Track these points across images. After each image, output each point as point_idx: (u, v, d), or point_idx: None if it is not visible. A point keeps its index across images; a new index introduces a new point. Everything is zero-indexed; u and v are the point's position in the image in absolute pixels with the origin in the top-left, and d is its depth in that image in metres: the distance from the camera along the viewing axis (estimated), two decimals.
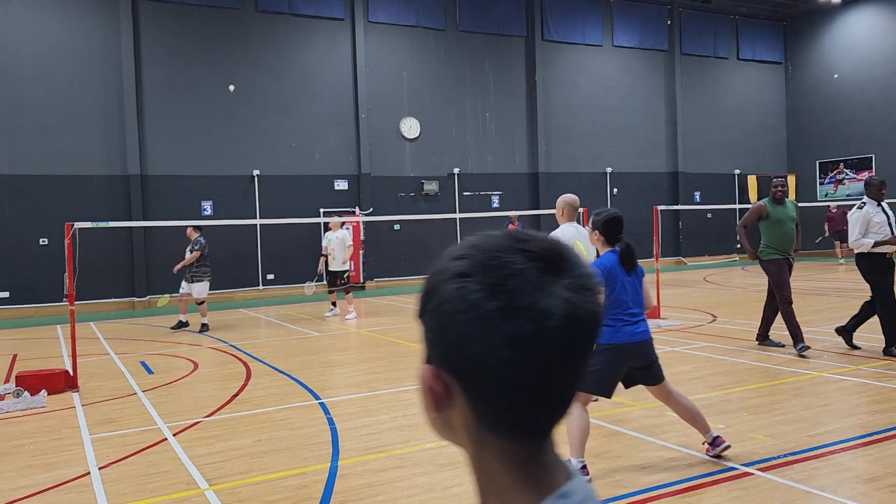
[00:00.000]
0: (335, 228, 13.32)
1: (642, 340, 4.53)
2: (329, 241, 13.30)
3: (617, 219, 4.67)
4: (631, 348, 4.47)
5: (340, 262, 13.22)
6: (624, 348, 4.46)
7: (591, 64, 23.45)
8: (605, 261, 4.63)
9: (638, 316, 4.57)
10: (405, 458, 4.87)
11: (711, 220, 25.15)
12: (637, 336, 4.50)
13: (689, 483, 4.20)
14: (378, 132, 20.08)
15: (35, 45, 16.47)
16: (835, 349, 8.18)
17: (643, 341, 4.53)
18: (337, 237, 13.20)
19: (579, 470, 4.23)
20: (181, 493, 4.36)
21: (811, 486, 4.09)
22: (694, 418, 4.66)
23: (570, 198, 6.36)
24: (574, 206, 6.33)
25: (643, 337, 4.54)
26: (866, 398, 5.98)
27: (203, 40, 18.11)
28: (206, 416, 6.27)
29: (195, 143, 18.03)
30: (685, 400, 4.69)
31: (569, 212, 6.29)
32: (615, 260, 4.60)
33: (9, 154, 16.22)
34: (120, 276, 17.21)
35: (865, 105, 24.37)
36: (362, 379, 7.83)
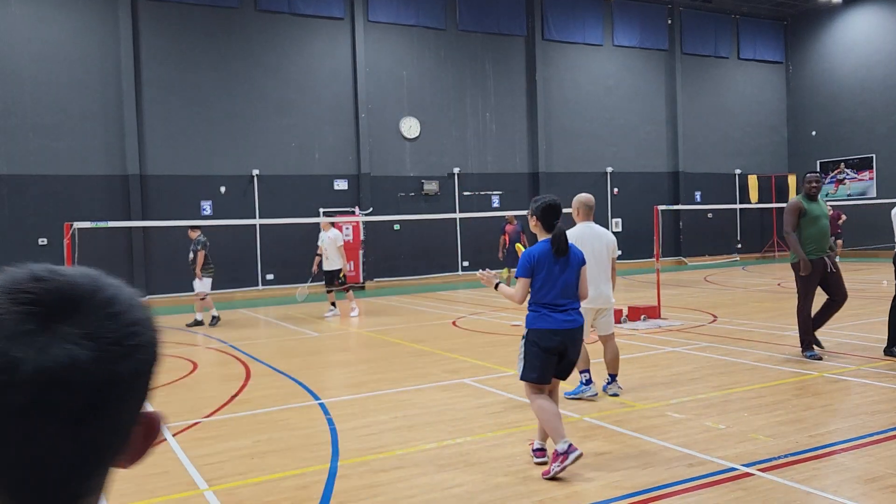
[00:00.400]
0: (326, 229, 13.34)
1: (566, 329, 4.57)
2: (322, 241, 13.36)
3: (553, 205, 4.70)
4: (553, 335, 4.53)
5: (333, 263, 13.23)
6: (545, 334, 4.53)
7: (591, 63, 23.44)
8: (534, 249, 4.68)
9: (564, 305, 4.60)
10: (405, 459, 4.85)
11: (712, 220, 25.15)
12: (561, 324, 4.55)
13: (689, 483, 4.19)
14: (378, 132, 20.08)
15: (34, 44, 16.47)
16: (835, 350, 8.16)
17: (567, 330, 4.57)
18: (329, 237, 13.21)
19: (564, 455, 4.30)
20: (180, 494, 4.35)
21: (812, 486, 4.07)
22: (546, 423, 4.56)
23: (584, 197, 6.41)
24: (589, 206, 6.37)
25: (568, 325, 4.57)
26: (867, 398, 5.97)
27: (203, 40, 18.11)
28: (206, 417, 6.26)
29: (195, 142, 18.03)
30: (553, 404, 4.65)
31: (584, 211, 6.34)
32: (546, 249, 4.63)
33: (8, 154, 16.22)
34: (119, 276, 16.83)
35: (866, 105, 24.36)
36: (362, 379, 7.82)
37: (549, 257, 4.62)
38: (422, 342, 10.02)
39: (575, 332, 4.64)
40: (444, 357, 8.76)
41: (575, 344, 4.66)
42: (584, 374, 6.36)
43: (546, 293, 4.60)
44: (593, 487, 4.19)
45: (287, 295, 18.57)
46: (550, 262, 4.62)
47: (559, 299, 4.59)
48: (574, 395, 6.36)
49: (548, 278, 4.60)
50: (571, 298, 4.65)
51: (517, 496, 4.10)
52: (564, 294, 4.62)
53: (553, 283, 4.61)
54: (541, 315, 4.58)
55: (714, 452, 4.70)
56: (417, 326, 11.80)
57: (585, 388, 6.34)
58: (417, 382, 7.35)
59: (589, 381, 6.36)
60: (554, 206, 4.70)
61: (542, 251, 4.65)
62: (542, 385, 4.61)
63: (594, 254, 6.25)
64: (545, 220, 4.69)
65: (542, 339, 4.54)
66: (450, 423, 5.73)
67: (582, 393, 6.34)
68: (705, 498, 3.99)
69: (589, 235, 6.27)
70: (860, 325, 9.89)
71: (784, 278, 17.64)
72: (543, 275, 4.61)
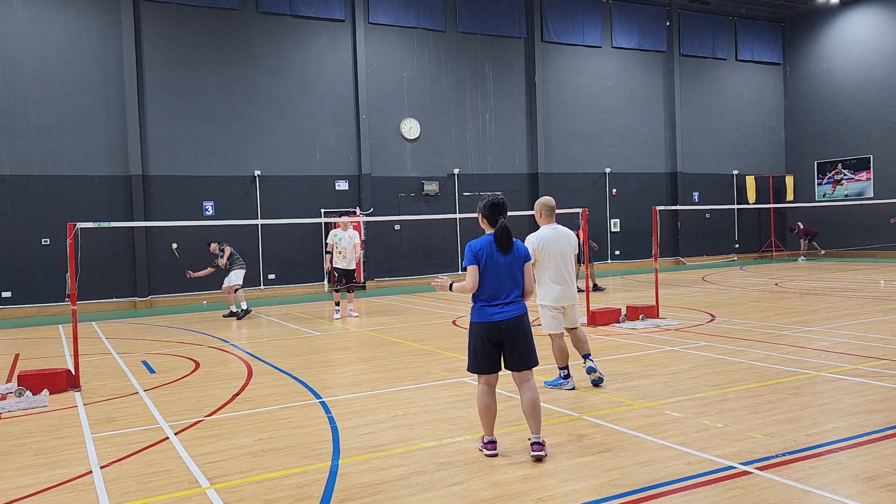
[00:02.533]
0: (345, 228, 13.20)
1: (497, 321, 4.72)
2: (340, 239, 13.12)
3: (497, 203, 4.89)
4: (489, 327, 4.73)
5: (351, 262, 13.18)
6: (482, 327, 4.75)
7: (590, 65, 23.49)
8: (475, 243, 4.85)
9: (498, 299, 4.75)
10: (406, 457, 4.89)
11: (710, 221, 25.21)
12: (496, 316, 4.73)
13: (687, 482, 4.22)
14: (378, 133, 20.12)
15: (37, 46, 16.51)
16: (833, 349, 8.21)
17: (498, 322, 4.72)
18: (348, 236, 13.15)
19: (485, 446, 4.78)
20: (182, 492, 4.38)
21: (809, 484, 4.11)
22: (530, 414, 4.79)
23: (546, 199, 6.70)
24: (550, 207, 6.62)
25: (502, 317, 4.72)
26: (864, 397, 6.01)
27: (204, 41, 18.15)
28: (208, 416, 6.30)
29: (196, 143, 18.07)
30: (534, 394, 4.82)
31: (546, 213, 6.62)
32: (487, 243, 4.81)
33: (11, 154, 16.26)
34: (121, 276, 17.24)
35: (863, 106, 24.41)
36: (363, 378, 7.86)
37: (491, 251, 4.79)
38: (422, 341, 10.06)
39: (510, 324, 4.74)
40: (444, 356, 8.80)
41: (515, 335, 4.75)
42: (563, 370, 6.71)
43: (484, 289, 4.79)
44: (592, 486, 4.23)
45: (288, 294, 18.61)
46: (491, 257, 4.78)
47: (495, 293, 4.77)
48: (553, 385, 6.76)
49: (486, 273, 4.78)
50: (508, 292, 4.77)
51: (517, 494, 4.14)
52: (501, 288, 4.77)
53: (492, 277, 4.78)
54: (477, 309, 4.82)
55: (712, 451, 4.74)
56: (418, 326, 11.83)
57: (563, 381, 6.71)
58: (418, 381, 7.39)
59: (567, 376, 6.71)
60: (497, 203, 4.90)
61: (484, 244, 4.83)
62: (485, 375, 4.83)
63: (561, 254, 6.51)
64: (490, 217, 4.90)
65: (478, 331, 4.79)
66: (450, 421, 5.77)
67: (561, 385, 6.71)
68: (703, 496, 4.03)
69: (555, 237, 6.54)
70: (858, 324, 9.93)
71: (781, 279, 17.69)
72: (483, 269, 4.79)
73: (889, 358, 7.59)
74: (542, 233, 6.51)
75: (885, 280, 16.33)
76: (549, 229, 6.55)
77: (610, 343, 9.27)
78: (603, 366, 7.83)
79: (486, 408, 4.82)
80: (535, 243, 6.46)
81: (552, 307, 6.60)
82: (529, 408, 4.79)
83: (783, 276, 18.40)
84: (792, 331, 9.62)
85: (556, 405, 6.15)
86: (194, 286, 17.56)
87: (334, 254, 13.19)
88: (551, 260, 6.49)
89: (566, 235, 6.59)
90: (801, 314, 11.28)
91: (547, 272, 6.52)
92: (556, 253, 6.50)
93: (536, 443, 4.72)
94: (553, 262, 6.49)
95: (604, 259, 23.45)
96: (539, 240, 6.48)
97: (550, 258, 6.48)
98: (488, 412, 4.83)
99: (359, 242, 13.47)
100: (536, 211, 6.67)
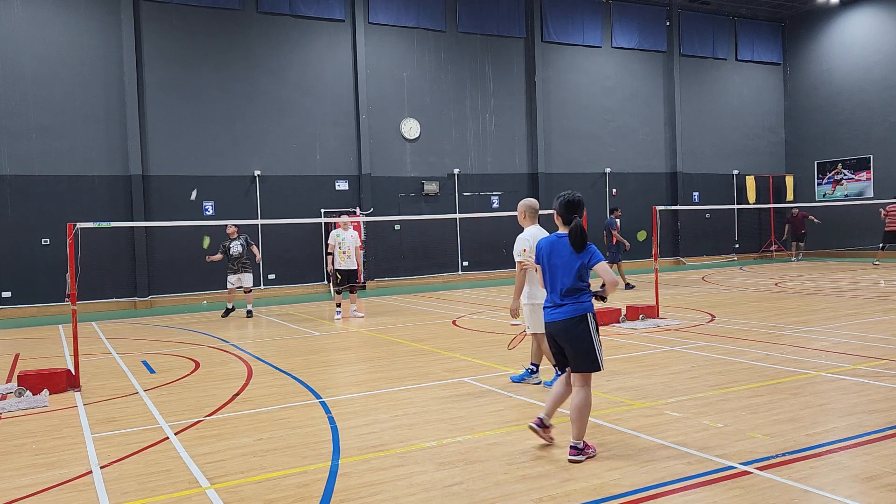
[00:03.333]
0: (346, 228, 13.00)
1: (550, 321, 4.85)
2: (343, 239, 12.92)
3: (573, 201, 4.87)
4: (546, 325, 4.94)
5: (353, 262, 12.99)
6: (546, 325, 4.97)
7: (590, 65, 23.49)
8: (540, 241, 4.96)
9: (555, 300, 4.82)
10: (405, 457, 4.89)
11: (710, 221, 25.21)
12: (547, 317, 4.89)
13: (687, 482, 4.22)
14: (378, 133, 20.13)
15: (37, 46, 16.51)
16: (833, 349, 8.21)
17: (550, 322, 4.85)
18: (350, 236, 12.98)
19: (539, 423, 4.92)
20: (182, 492, 4.39)
21: (809, 484, 4.11)
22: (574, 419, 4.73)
23: (531, 202, 6.84)
24: (535, 209, 6.80)
25: (551, 318, 4.83)
26: (864, 397, 6.01)
27: (204, 41, 18.15)
28: (208, 416, 6.30)
29: (196, 143, 18.07)
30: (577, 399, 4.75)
31: (531, 215, 6.78)
32: (550, 241, 4.88)
33: (11, 154, 16.26)
34: (121, 276, 17.25)
35: (863, 106, 24.41)
36: (363, 378, 7.86)
37: (552, 251, 4.83)
38: (422, 341, 10.06)
39: (558, 326, 4.78)
40: (444, 356, 8.80)
41: (567, 336, 4.75)
42: (536, 366, 7.03)
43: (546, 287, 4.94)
44: (592, 485, 4.23)
45: (288, 294, 18.61)
46: (550, 257, 4.84)
47: (551, 294, 4.87)
48: (519, 380, 7.03)
49: (546, 272, 4.89)
50: (561, 294, 4.77)
51: (517, 494, 4.14)
52: (554, 289, 4.83)
53: (550, 277, 4.86)
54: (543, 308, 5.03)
55: (712, 451, 4.74)
56: (418, 326, 11.83)
57: (530, 377, 7.01)
58: (418, 381, 7.40)
59: (534, 372, 7.02)
60: (574, 201, 4.86)
61: (547, 243, 4.89)
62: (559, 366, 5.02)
63: None
64: (565, 215, 4.87)
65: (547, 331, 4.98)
66: (450, 421, 5.77)
67: (527, 380, 7.00)
68: (703, 496, 4.03)
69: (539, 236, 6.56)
70: (858, 324, 9.93)
71: (781, 279, 17.69)
72: (544, 268, 4.91)
73: (889, 358, 7.59)
74: (534, 232, 6.62)
75: (885, 280, 16.33)
76: (535, 229, 6.68)
77: (610, 343, 9.27)
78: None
79: (554, 394, 5.01)
80: (530, 242, 6.54)
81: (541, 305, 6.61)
82: (576, 412, 4.70)
83: (783, 276, 18.40)
84: (792, 331, 9.62)
85: None
86: (194, 286, 17.60)
87: (337, 254, 12.97)
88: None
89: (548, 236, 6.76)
90: (801, 314, 11.28)
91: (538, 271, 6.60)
92: None
93: (574, 447, 4.69)
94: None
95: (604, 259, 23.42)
96: (532, 238, 6.58)
97: None
98: (553, 399, 4.99)
99: (360, 243, 13.37)
100: (521, 212, 6.78)
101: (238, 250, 13.95)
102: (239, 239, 14.02)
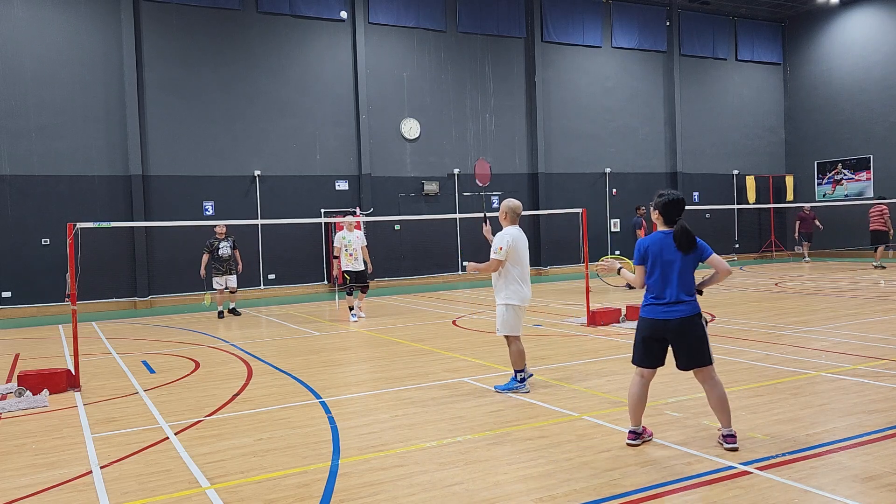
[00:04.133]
0: (350, 229, 12.77)
1: (663, 319, 4.72)
2: (350, 241, 12.72)
3: (674, 201, 4.82)
4: (654, 324, 4.76)
5: (360, 263, 12.82)
6: (647, 322, 4.82)
7: (590, 65, 23.49)
8: (646, 240, 4.85)
9: (667, 298, 4.72)
10: (406, 457, 4.89)
11: (710, 221, 25.20)
12: (663, 315, 4.73)
13: (687, 482, 4.22)
14: (379, 133, 20.13)
15: (37, 46, 16.51)
16: (833, 349, 8.21)
17: (668, 320, 4.71)
18: (356, 237, 12.79)
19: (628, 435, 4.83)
20: (182, 492, 4.39)
21: (809, 484, 4.11)
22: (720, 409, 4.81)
23: (514, 203, 6.81)
24: (517, 212, 6.78)
25: (668, 316, 4.71)
26: (864, 397, 6.01)
27: (204, 41, 18.16)
28: (208, 416, 6.30)
29: (197, 143, 18.07)
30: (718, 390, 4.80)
31: (512, 216, 6.77)
32: (656, 240, 4.79)
33: (11, 154, 16.26)
34: (122, 276, 17.25)
35: (863, 106, 24.41)
36: (363, 378, 7.86)
37: (660, 249, 4.77)
38: (422, 341, 10.06)
39: (677, 324, 4.70)
40: (444, 356, 8.80)
41: (683, 335, 4.71)
42: (520, 372, 6.65)
43: (653, 287, 4.82)
44: (592, 485, 4.23)
45: (288, 294, 18.61)
46: (660, 255, 4.77)
47: (661, 293, 4.75)
48: (504, 389, 6.67)
49: (654, 272, 4.79)
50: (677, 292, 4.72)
51: (516, 494, 4.14)
52: (668, 288, 4.73)
53: (659, 276, 4.77)
54: (646, 304, 4.87)
55: (712, 451, 4.74)
56: (418, 326, 11.83)
57: (519, 385, 6.65)
58: (418, 381, 7.40)
59: (523, 380, 6.65)
60: (675, 201, 4.82)
61: (654, 242, 4.81)
62: (640, 368, 4.92)
63: (523, 257, 6.66)
64: (667, 215, 4.84)
65: (643, 326, 4.86)
66: (450, 421, 5.77)
67: (516, 389, 6.64)
68: (703, 496, 4.03)
69: (521, 237, 6.71)
70: (858, 324, 9.93)
71: (781, 279, 17.69)
72: (652, 267, 4.80)
73: (889, 358, 7.59)
74: (513, 232, 6.64)
75: (885, 280, 16.33)
76: (515, 230, 6.69)
77: (610, 343, 9.27)
78: (603, 365, 7.85)
79: (631, 397, 4.92)
80: (508, 241, 6.54)
81: (518, 306, 6.64)
82: (718, 402, 4.76)
83: (783, 276, 18.40)
84: (792, 331, 9.62)
85: (556, 405, 6.15)
86: (194, 286, 17.60)
87: (343, 256, 12.74)
88: (520, 259, 6.63)
89: (525, 238, 6.81)
90: (801, 314, 11.28)
91: (515, 270, 6.63)
92: (523, 253, 6.68)
93: (729, 435, 4.73)
94: (521, 262, 6.64)
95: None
96: (512, 238, 6.58)
97: (519, 257, 6.63)
98: (631, 401, 4.91)
99: (366, 242, 13.18)
100: (502, 213, 6.78)
101: (227, 252, 14.06)
102: (227, 241, 14.10)
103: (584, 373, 7.48)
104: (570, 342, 9.51)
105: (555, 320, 11.72)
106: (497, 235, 6.67)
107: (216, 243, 14.03)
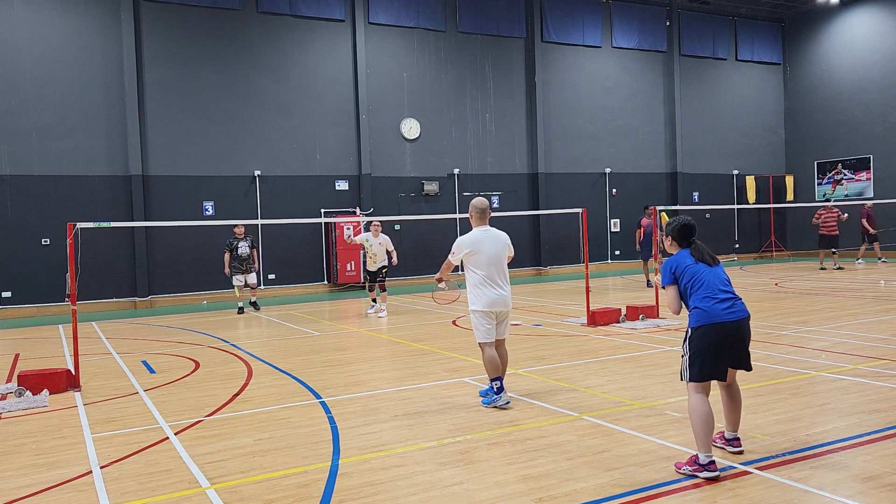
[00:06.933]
0: (376, 234, 13.53)
1: (736, 319, 4.47)
2: (371, 245, 13.53)
3: (688, 226, 4.72)
4: (723, 327, 4.43)
5: (381, 261, 13.59)
6: (713, 328, 4.43)
7: (590, 65, 23.49)
8: (671, 262, 4.67)
9: (728, 293, 4.52)
10: (405, 457, 4.89)
11: (710, 221, 25.20)
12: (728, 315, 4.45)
13: (687, 482, 4.23)
14: (378, 133, 20.13)
15: (37, 46, 16.51)
16: (833, 349, 8.21)
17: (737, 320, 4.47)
18: (379, 243, 13.55)
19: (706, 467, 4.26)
20: (182, 492, 4.39)
21: (809, 484, 4.11)
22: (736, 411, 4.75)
23: (477, 201, 6.48)
24: (481, 209, 6.42)
25: (737, 316, 4.48)
26: (864, 397, 6.01)
27: (204, 41, 18.15)
28: (208, 416, 6.30)
29: (197, 143, 18.07)
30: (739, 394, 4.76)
31: (477, 215, 6.43)
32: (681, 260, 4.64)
33: (11, 154, 16.26)
34: (122, 276, 17.24)
35: (863, 106, 24.42)
36: (363, 378, 7.86)
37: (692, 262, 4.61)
38: (422, 341, 10.06)
39: (744, 322, 4.53)
40: (444, 356, 8.80)
41: (746, 333, 4.55)
42: (496, 381, 6.13)
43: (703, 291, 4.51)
44: (592, 485, 4.23)
45: (288, 294, 18.61)
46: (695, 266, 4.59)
47: (713, 292, 4.50)
48: (485, 404, 6.20)
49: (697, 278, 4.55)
50: (726, 288, 4.58)
51: (516, 494, 4.14)
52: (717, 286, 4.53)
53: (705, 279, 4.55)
54: (702, 311, 4.46)
55: (712, 451, 4.73)
56: (418, 325, 11.83)
57: (497, 396, 6.12)
58: (418, 381, 7.40)
59: (500, 389, 6.12)
60: (689, 226, 4.72)
61: (680, 262, 4.64)
62: (705, 383, 4.47)
63: (491, 257, 6.24)
64: (680, 240, 4.72)
65: (710, 333, 4.43)
66: (450, 421, 5.77)
67: (494, 402, 6.12)
68: (703, 496, 4.03)
69: (486, 239, 6.31)
70: (858, 324, 9.93)
71: (781, 279, 17.69)
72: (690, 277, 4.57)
73: (889, 358, 7.59)
74: (473, 235, 6.32)
75: (885, 280, 16.33)
76: (479, 232, 6.35)
77: (610, 343, 9.28)
78: (603, 365, 7.84)
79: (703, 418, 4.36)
80: (463, 246, 6.28)
81: (483, 312, 6.21)
82: (737, 405, 4.70)
83: (783, 276, 18.40)
84: (792, 331, 9.62)
85: (556, 405, 6.15)
86: (194, 286, 17.61)
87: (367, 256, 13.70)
88: (482, 262, 6.23)
89: (498, 238, 6.38)
90: (801, 314, 11.28)
91: (476, 275, 6.25)
92: (486, 255, 6.25)
93: (735, 439, 4.74)
94: (484, 265, 6.22)
95: (604, 259, 23.46)
96: (468, 242, 6.28)
97: (481, 261, 6.23)
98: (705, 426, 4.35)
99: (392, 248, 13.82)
100: (469, 213, 6.48)
101: (246, 251, 14.68)
102: (246, 240, 14.73)
103: (584, 373, 7.48)
104: (569, 342, 9.52)
105: (555, 320, 11.72)
106: (457, 240, 6.38)
107: (235, 243, 14.69)
